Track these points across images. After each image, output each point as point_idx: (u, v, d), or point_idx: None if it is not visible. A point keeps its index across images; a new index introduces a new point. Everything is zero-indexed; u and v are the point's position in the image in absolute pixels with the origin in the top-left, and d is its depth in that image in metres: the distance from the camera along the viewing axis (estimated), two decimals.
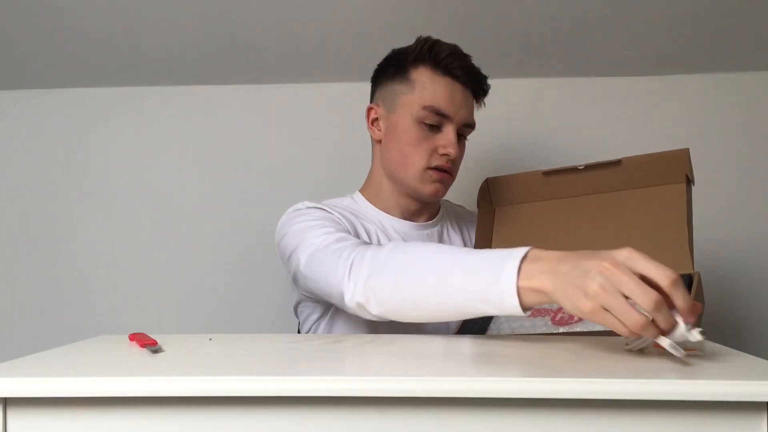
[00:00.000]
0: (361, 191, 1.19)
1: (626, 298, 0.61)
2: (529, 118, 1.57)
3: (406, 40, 1.15)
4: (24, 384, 0.56)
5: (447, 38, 1.11)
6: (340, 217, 1.06)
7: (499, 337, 0.95)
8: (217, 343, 0.78)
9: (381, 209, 1.15)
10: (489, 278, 0.71)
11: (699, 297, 0.93)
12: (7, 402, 0.57)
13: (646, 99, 1.57)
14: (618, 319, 0.61)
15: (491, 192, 1.16)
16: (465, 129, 1.10)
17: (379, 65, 1.16)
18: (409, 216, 1.15)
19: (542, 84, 1.57)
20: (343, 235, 0.98)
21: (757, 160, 1.54)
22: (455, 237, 1.20)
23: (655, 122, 1.56)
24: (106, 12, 1.39)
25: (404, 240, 1.12)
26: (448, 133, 1.07)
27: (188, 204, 1.62)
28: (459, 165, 1.13)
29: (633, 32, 1.44)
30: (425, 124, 1.06)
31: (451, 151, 1.06)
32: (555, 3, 1.36)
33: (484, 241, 1.14)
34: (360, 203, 1.16)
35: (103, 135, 1.64)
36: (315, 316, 1.12)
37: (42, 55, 1.53)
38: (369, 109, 1.14)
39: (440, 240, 1.17)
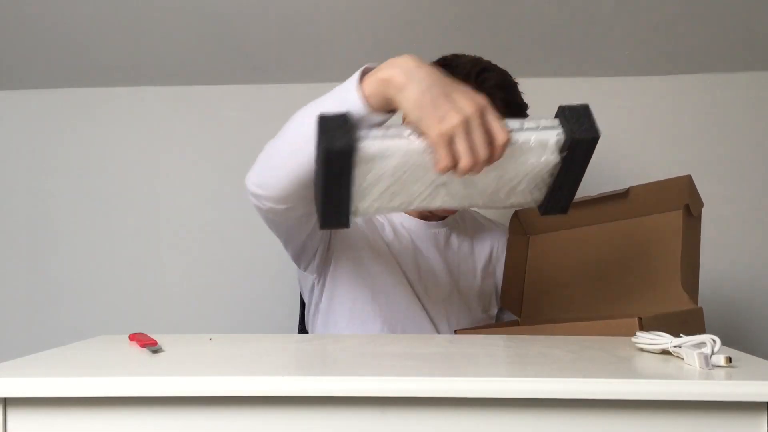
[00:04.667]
0: None
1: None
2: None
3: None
4: (24, 384, 0.56)
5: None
6: None
7: (499, 337, 0.95)
8: (217, 343, 0.78)
9: None
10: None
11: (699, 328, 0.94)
12: (7, 402, 0.57)
13: (646, 99, 1.57)
14: (454, 153, 0.69)
15: (522, 223, 1.17)
16: None
17: None
18: (423, 216, 1.17)
19: (542, 84, 1.56)
20: None
21: (757, 160, 1.54)
22: (464, 240, 1.19)
23: (656, 122, 1.56)
24: (106, 12, 1.39)
25: (412, 237, 1.14)
26: None
27: (188, 204, 1.62)
28: None
29: (633, 32, 1.43)
30: None
31: None
32: (555, 3, 1.36)
33: (516, 270, 1.16)
34: None
35: (103, 135, 1.64)
36: (311, 285, 1.13)
37: (42, 55, 1.53)
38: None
39: (447, 240, 1.17)
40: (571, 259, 1.11)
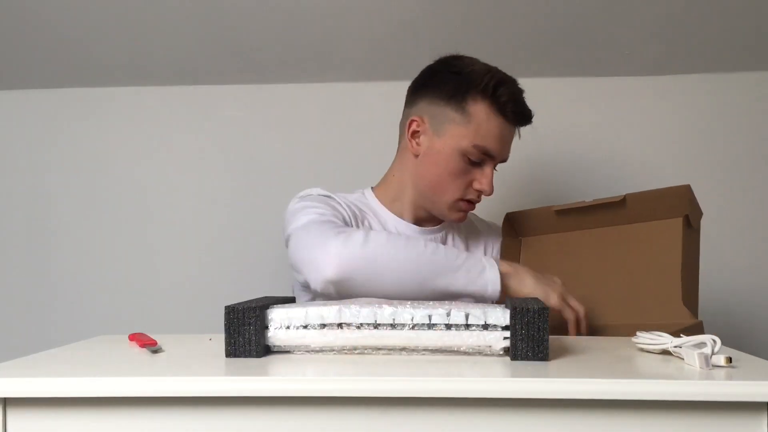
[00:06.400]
0: (375, 190, 1.19)
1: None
2: None
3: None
4: (24, 384, 0.56)
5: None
6: (345, 207, 1.08)
7: None
8: (217, 343, 0.78)
9: (393, 212, 1.15)
10: (473, 271, 0.95)
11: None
12: (7, 402, 0.57)
13: (646, 99, 1.57)
14: (568, 311, 0.97)
15: (514, 225, 1.17)
16: (500, 163, 1.12)
17: (430, 76, 1.13)
18: (418, 222, 1.16)
19: (542, 84, 1.56)
20: (334, 220, 1.01)
21: (756, 161, 1.54)
22: (460, 245, 1.19)
23: (655, 122, 1.56)
24: (107, 12, 1.39)
25: None
26: (488, 171, 1.09)
27: (188, 204, 1.62)
28: None
29: (633, 32, 1.44)
30: (468, 158, 1.07)
31: (487, 189, 1.09)
32: (555, 3, 1.36)
33: None
34: (370, 200, 1.17)
35: (103, 135, 1.64)
36: (301, 289, 1.13)
37: (42, 55, 1.53)
38: (412, 121, 1.11)
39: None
40: (564, 263, 1.10)
